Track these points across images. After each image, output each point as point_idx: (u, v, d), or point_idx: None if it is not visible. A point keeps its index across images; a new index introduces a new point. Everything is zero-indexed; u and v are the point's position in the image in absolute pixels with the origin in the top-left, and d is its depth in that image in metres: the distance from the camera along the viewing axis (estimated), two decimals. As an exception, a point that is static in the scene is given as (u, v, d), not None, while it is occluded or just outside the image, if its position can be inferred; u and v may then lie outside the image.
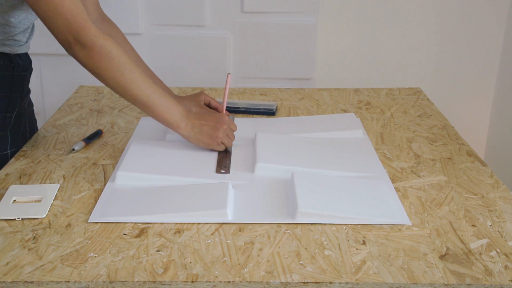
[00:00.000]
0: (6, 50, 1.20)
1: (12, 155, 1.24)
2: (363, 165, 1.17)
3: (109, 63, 1.06)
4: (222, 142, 1.17)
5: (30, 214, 0.98)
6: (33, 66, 1.27)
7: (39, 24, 1.19)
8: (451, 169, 1.17)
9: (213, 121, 1.17)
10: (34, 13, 1.20)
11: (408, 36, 1.92)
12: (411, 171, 1.16)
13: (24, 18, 1.19)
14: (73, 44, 1.04)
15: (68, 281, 0.82)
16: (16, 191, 1.05)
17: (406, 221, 0.97)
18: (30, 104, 1.38)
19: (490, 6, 1.89)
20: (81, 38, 1.03)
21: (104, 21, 1.35)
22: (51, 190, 1.06)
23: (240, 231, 0.94)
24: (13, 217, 0.97)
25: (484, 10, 1.89)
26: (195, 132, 1.16)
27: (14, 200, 1.02)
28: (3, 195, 1.06)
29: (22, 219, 0.97)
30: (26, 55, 1.28)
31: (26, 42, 1.25)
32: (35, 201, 1.03)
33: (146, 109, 1.12)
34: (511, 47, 1.90)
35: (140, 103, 1.11)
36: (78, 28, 1.03)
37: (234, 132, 1.21)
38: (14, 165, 1.18)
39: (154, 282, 0.82)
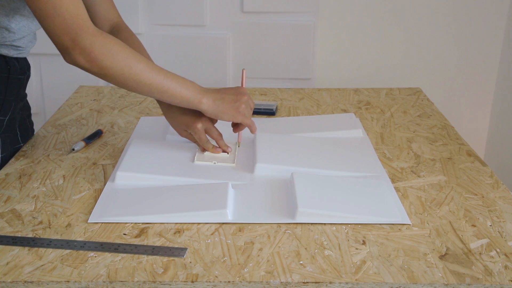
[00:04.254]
0: (3, 52, 1.17)
1: (3, 160, 1.20)
2: (363, 165, 1.17)
3: (114, 60, 1.02)
4: (246, 114, 1.14)
5: (222, 161, 1.16)
6: (33, 66, 1.26)
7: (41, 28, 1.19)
8: (451, 169, 1.17)
9: (234, 93, 1.13)
10: (35, 22, 1.17)
11: (408, 36, 1.92)
12: (411, 171, 1.16)
13: (25, 25, 1.16)
14: (71, 48, 1.00)
15: (68, 281, 0.82)
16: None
17: (406, 220, 0.97)
18: (26, 108, 1.35)
19: (490, 6, 1.89)
20: (79, 40, 0.99)
21: (113, 32, 1.28)
22: (233, 145, 1.22)
23: (240, 231, 0.94)
24: (210, 162, 1.15)
25: (484, 10, 1.89)
26: (217, 104, 1.11)
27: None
28: (3, 195, 1.06)
29: (215, 163, 1.15)
30: (24, 60, 1.25)
31: (25, 49, 1.22)
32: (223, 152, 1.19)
33: (163, 95, 1.08)
34: (511, 47, 1.90)
35: (156, 91, 1.07)
36: (76, 29, 0.99)
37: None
38: (14, 165, 1.18)
39: (154, 282, 0.82)
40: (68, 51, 1.01)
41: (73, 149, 1.23)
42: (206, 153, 1.18)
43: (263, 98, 1.60)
